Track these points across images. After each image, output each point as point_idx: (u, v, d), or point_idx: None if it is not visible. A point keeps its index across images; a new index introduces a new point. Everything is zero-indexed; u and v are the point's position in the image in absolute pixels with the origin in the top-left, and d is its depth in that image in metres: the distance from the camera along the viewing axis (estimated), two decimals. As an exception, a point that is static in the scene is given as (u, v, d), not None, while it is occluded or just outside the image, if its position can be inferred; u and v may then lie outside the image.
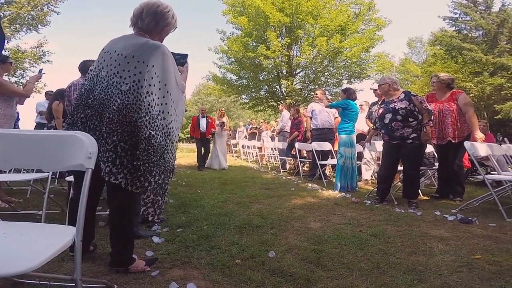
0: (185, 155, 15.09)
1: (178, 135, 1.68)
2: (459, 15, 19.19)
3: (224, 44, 15.41)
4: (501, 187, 3.22)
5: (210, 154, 7.91)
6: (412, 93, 3.53)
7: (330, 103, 4.95)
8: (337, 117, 5.85)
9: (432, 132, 3.64)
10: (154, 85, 1.52)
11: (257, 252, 1.88)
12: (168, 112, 1.58)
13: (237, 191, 4.28)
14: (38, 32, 15.19)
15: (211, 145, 8.48)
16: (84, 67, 3.12)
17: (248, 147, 11.05)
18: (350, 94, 4.64)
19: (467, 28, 19.04)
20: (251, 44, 14.86)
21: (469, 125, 3.66)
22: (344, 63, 14.72)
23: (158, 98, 1.54)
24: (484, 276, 1.62)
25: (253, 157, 10.84)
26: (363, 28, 14.63)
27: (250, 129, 13.05)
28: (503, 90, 16.58)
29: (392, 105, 3.48)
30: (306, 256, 1.85)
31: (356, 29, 14.24)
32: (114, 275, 1.60)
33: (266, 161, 9.40)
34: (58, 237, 1.08)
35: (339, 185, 4.46)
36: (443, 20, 19.58)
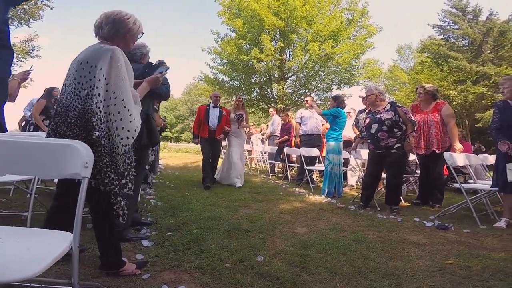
0: (173, 155, 14.98)
1: (128, 138, 1.65)
2: (448, 23, 19.43)
3: (218, 46, 15.36)
4: (477, 195, 3.41)
5: (222, 164, 5.64)
6: (397, 104, 3.70)
7: (323, 111, 5.08)
8: (324, 124, 6.01)
9: (414, 142, 3.82)
10: (101, 87, 1.55)
11: (246, 256, 1.96)
12: (112, 114, 1.58)
13: (226, 195, 4.33)
14: (29, 26, 14.83)
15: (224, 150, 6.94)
16: None
17: None
18: (340, 102, 4.79)
19: (454, 36, 19.32)
20: (244, 47, 14.84)
21: (450, 136, 3.85)
22: (334, 68, 14.88)
23: (104, 100, 1.56)
24: (455, 280, 1.75)
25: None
26: (354, 35, 14.81)
27: None
28: (484, 98, 16.86)
29: (378, 116, 3.63)
30: (293, 260, 1.94)
31: (348, 35, 14.42)
32: (105, 278, 1.64)
33: (256, 164, 9.47)
34: (56, 243, 1.11)
35: (326, 190, 4.60)
36: (432, 28, 19.85)
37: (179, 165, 9.50)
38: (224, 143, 6.55)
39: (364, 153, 4.21)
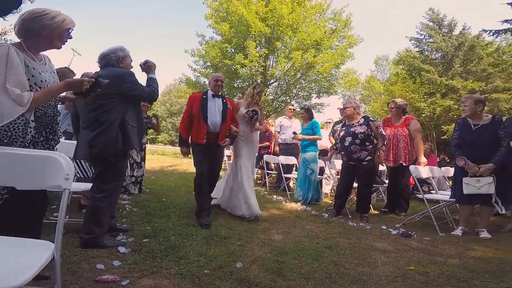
0: (148, 157, 14.36)
1: None
2: (424, 36, 19.89)
3: (202, 48, 15.15)
4: (438, 205, 3.70)
5: (224, 181, 4.04)
6: (370, 118, 3.95)
7: (302, 130, 5.24)
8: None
9: (384, 155, 4.08)
10: None
11: (225, 263, 2.03)
12: None
13: (204, 201, 4.35)
14: (5, 19, 14.00)
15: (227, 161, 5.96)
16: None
17: None
18: (312, 114, 5.07)
19: (429, 49, 19.81)
20: (229, 51, 14.80)
21: (416, 150, 4.17)
22: (315, 77, 15.06)
23: None
24: (415, 285, 1.93)
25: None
26: (336, 45, 14.98)
27: None
28: (451, 111, 17.53)
29: (352, 129, 3.86)
30: (270, 267, 2.05)
31: (331, 45, 14.61)
32: (83, 284, 1.66)
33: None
34: (38, 252, 1.12)
35: (302, 197, 4.83)
36: (410, 40, 20.33)
37: (155, 168, 9.30)
38: (227, 151, 6.15)
39: (338, 163, 4.43)
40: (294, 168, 5.98)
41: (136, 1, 67.96)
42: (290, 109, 6.08)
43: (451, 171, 4.85)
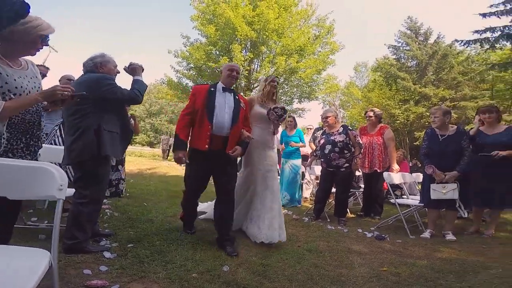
0: (126, 159, 14.17)
1: None
2: (402, 44, 20.70)
3: (186, 50, 14.93)
4: (408, 209, 3.97)
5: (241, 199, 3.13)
6: (348, 127, 4.18)
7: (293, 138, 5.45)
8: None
9: (360, 162, 4.35)
10: None
11: (212, 267, 2.11)
12: None
13: (186, 205, 4.37)
14: None
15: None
16: None
17: None
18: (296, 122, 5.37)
19: (405, 57, 20.64)
20: (214, 54, 14.65)
21: (389, 158, 4.45)
22: (297, 82, 15.17)
23: None
24: (387, 285, 2.10)
25: None
26: (319, 50, 15.15)
27: None
28: (423, 118, 18.25)
29: (332, 137, 4.07)
30: (256, 269, 2.15)
31: (313, 51, 14.74)
32: (74, 291, 1.68)
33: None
34: (36, 261, 1.15)
35: (297, 198, 5.20)
36: (388, 48, 21.07)
37: (133, 171, 9.09)
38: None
39: (318, 169, 4.63)
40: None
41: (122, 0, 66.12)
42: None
43: (421, 176, 5.20)
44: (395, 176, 3.95)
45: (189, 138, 2.69)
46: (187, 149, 2.71)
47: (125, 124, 2.51)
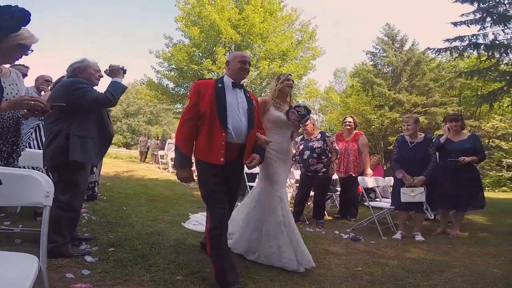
0: (103, 161, 13.73)
1: None
2: (379, 50, 20.99)
3: (169, 51, 14.65)
4: (381, 211, 4.19)
5: (241, 215, 2.74)
6: (326, 134, 4.38)
7: None
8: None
9: (336, 166, 4.59)
10: None
11: (196, 269, 2.16)
12: None
13: (167, 209, 4.35)
14: None
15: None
16: None
17: None
18: None
19: (381, 63, 21.00)
20: (197, 56, 14.46)
21: (363, 163, 4.69)
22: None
23: None
24: (362, 284, 2.24)
25: None
26: (301, 55, 15.21)
27: None
28: (396, 123, 18.69)
29: (310, 144, 4.25)
30: (240, 271, 2.18)
31: (296, 56, 14.81)
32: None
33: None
34: (25, 266, 1.16)
35: None
36: (366, 54, 21.33)
37: (110, 174, 8.82)
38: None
39: (297, 173, 4.79)
40: (257, 177, 6.19)
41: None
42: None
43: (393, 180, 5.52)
44: (369, 180, 4.18)
45: (194, 147, 2.12)
46: (191, 162, 2.17)
47: (103, 129, 2.46)
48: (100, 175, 5.40)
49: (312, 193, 4.47)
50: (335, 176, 5.32)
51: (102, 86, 2.60)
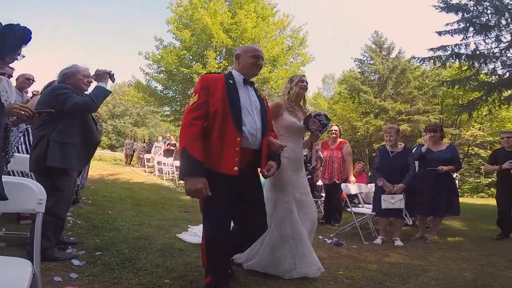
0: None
1: None
2: (366, 58, 21.35)
3: (158, 53, 14.45)
4: (363, 217, 4.35)
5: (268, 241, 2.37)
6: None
7: None
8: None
9: (321, 173, 4.75)
10: None
11: (184, 273, 2.21)
12: None
13: (154, 214, 4.36)
14: None
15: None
16: None
17: (164, 164, 10.52)
18: None
19: (368, 71, 21.39)
20: (187, 59, 14.32)
21: (347, 170, 4.87)
22: (268, 91, 14.95)
23: None
24: (342, 287, 2.33)
25: (169, 175, 10.43)
26: (291, 61, 15.19)
27: (167, 145, 12.47)
28: (381, 131, 18.69)
29: None
30: None
31: (286, 62, 14.80)
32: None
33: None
34: (20, 270, 1.21)
35: None
36: (354, 61, 21.64)
37: (94, 177, 8.63)
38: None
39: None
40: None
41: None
42: None
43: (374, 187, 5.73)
44: (352, 187, 4.35)
45: (208, 155, 1.78)
46: (202, 171, 1.73)
47: (87, 135, 2.43)
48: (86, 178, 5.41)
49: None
50: (319, 183, 5.48)
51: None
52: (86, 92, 2.54)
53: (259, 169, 2.02)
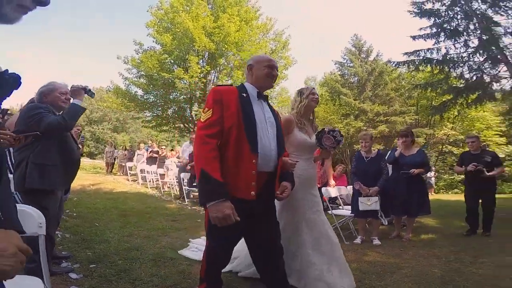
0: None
1: None
2: (347, 61, 21.74)
3: (138, 57, 14.03)
4: (343, 218, 4.62)
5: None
6: None
7: None
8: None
9: None
10: None
11: (178, 281, 2.35)
12: None
13: (142, 224, 4.40)
14: None
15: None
16: None
17: (148, 172, 10.29)
18: None
19: (348, 73, 21.78)
20: (168, 63, 13.95)
21: (327, 174, 5.13)
22: None
23: None
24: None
25: (153, 183, 10.28)
26: None
27: (150, 152, 12.19)
28: (360, 132, 20.09)
29: None
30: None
31: None
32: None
33: (169, 187, 9.18)
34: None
35: None
36: (335, 64, 22.09)
37: (75, 188, 8.23)
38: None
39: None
40: None
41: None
42: None
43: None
44: (332, 190, 4.63)
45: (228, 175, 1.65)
46: (227, 194, 1.59)
47: (66, 153, 2.38)
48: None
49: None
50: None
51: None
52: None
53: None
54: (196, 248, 3.17)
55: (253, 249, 1.89)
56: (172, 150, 13.80)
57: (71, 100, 2.39)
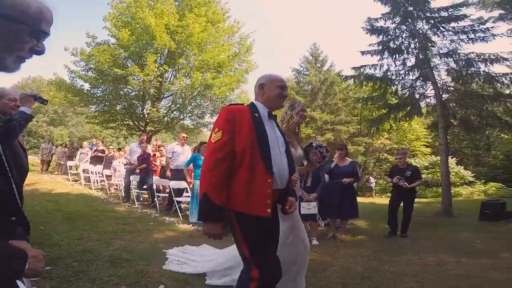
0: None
1: None
2: (303, 69, 22.59)
3: (89, 51, 13.01)
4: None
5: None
6: None
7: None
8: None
9: None
10: None
11: (137, 279, 2.54)
12: None
13: (91, 227, 4.32)
14: None
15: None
16: None
17: (92, 172, 9.62)
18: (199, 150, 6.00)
19: (303, 81, 22.67)
20: (122, 58, 13.18)
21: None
22: (211, 97, 14.53)
23: None
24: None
25: (97, 184, 9.69)
26: (236, 68, 14.91)
27: (95, 151, 11.31)
28: (310, 138, 20.50)
29: None
30: (176, 278, 2.61)
31: (231, 68, 14.52)
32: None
33: (116, 189, 8.84)
34: None
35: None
36: (292, 71, 22.78)
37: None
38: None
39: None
40: (184, 192, 6.42)
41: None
42: (184, 137, 6.70)
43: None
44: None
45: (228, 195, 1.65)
46: (235, 216, 1.66)
47: (13, 160, 2.40)
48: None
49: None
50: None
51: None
52: None
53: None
54: (178, 261, 3.12)
55: None
56: (119, 150, 13.00)
57: (21, 107, 2.38)
